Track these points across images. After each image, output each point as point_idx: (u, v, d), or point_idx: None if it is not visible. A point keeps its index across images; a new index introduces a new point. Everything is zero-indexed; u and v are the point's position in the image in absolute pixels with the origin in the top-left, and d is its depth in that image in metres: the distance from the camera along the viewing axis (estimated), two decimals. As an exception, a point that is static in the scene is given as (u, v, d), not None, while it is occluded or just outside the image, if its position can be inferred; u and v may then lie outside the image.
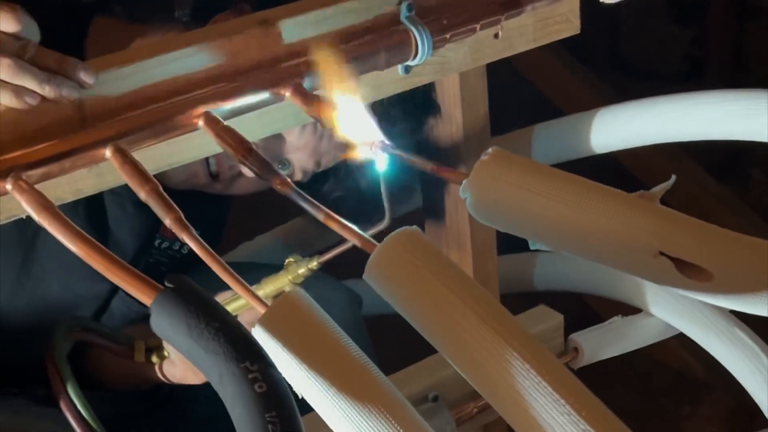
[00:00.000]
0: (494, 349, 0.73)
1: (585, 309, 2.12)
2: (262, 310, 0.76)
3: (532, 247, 0.83)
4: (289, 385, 0.73)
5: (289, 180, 0.86)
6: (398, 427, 0.71)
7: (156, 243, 1.51)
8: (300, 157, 1.38)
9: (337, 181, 1.45)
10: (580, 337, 1.54)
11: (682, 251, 0.78)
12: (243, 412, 0.69)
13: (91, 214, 1.40)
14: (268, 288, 1.11)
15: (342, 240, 0.83)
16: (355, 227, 0.80)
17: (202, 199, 1.48)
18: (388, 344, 1.60)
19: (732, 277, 0.77)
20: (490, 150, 0.82)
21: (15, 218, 0.90)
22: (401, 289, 0.77)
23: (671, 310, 1.66)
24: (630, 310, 1.74)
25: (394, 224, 0.89)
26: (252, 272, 1.58)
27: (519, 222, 0.81)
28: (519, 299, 1.83)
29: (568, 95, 2.66)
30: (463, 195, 0.82)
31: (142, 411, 1.42)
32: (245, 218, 1.91)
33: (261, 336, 0.74)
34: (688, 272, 0.78)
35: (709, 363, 1.73)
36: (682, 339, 1.73)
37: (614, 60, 3.08)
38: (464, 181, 0.82)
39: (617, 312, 1.73)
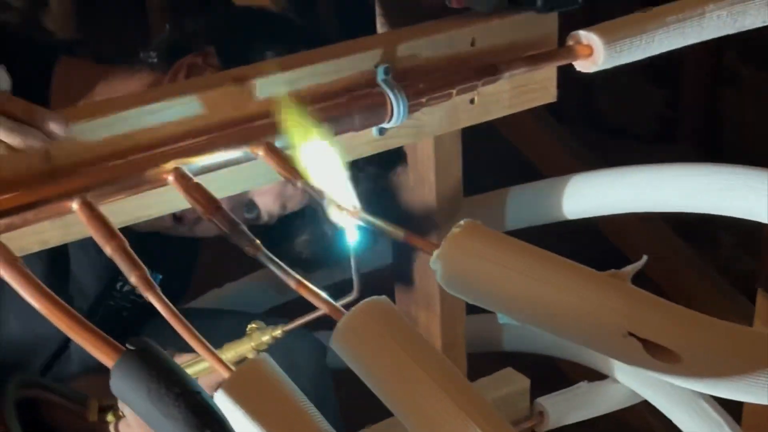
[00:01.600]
0: (457, 424, 0.72)
1: (553, 368, 2.11)
2: (225, 375, 0.75)
3: (500, 321, 0.83)
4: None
5: (258, 243, 0.84)
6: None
7: (117, 286, 1.50)
8: (266, 201, 1.38)
9: (303, 224, 1.44)
10: (545, 402, 1.54)
11: (651, 333, 0.77)
12: (199, 481, 0.67)
13: (54, 257, 1.38)
14: (229, 353, 1.09)
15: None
16: (324, 294, 0.79)
17: (169, 242, 1.47)
18: (356, 397, 1.59)
19: (700, 360, 0.77)
20: (461, 222, 0.81)
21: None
22: (367, 359, 0.77)
23: (637, 379, 1.66)
24: (597, 373, 1.73)
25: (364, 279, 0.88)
26: (219, 319, 1.57)
27: (488, 296, 0.80)
28: (487, 357, 1.82)
29: (543, 152, 2.66)
30: (434, 266, 0.81)
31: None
32: (214, 262, 1.90)
33: (223, 402, 0.73)
34: (656, 353, 0.78)
35: (675, 428, 1.73)
36: (647, 403, 1.73)
37: (589, 118, 3.10)
38: (435, 253, 0.81)
39: (586, 372, 1.72)
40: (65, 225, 0.91)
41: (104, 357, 0.74)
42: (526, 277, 0.78)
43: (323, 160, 0.90)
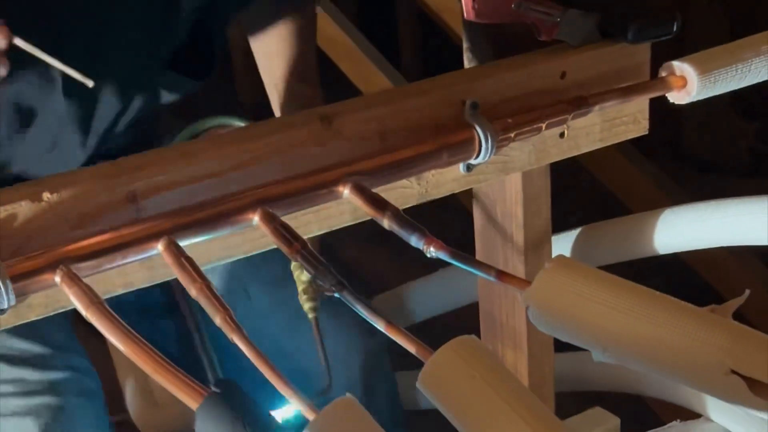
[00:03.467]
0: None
1: (642, 407, 2.06)
2: (311, 416, 0.73)
3: (595, 359, 0.80)
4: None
5: (345, 283, 0.83)
6: None
7: None
8: None
9: None
10: (636, 444, 1.50)
11: (755, 370, 0.74)
12: None
13: None
14: None
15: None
16: (412, 337, 0.77)
17: None
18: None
19: (807, 399, 0.73)
20: (553, 258, 0.78)
21: (62, 310, 0.88)
22: (455, 399, 0.74)
23: (733, 418, 1.61)
24: (689, 411, 1.69)
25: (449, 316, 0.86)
26: None
27: (583, 333, 0.77)
28: (575, 396, 1.79)
29: (630, 187, 2.62)
30: (525, 304, 0.79)
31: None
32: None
33: (308, 447, 0.71)
34: (760, 391, 0.75)
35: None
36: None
37: (677, 152, 3.05)
38: (526, 290, 0.79)
39: (677, 411, 1.68)
40: (150, 267, 0.90)
41: (188, 399, 0.73)
42: (622, 313, 0.75)
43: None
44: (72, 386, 1.40)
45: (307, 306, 1.33)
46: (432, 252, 0.87)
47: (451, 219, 1.70)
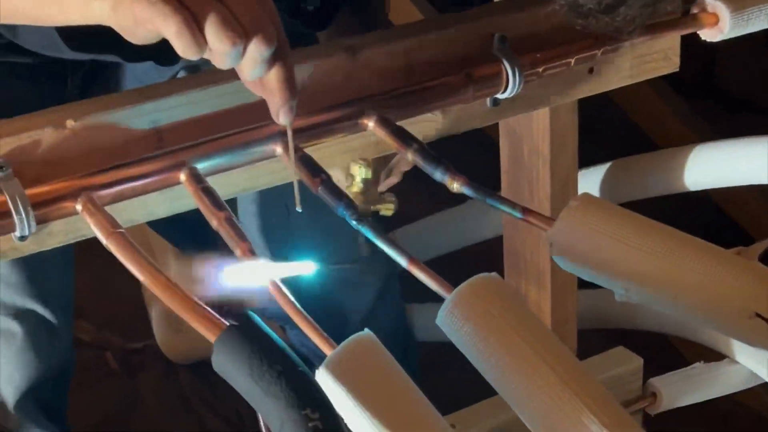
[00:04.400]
0: (570, 411, 0.69)
1: (666, 347, 2.05)
2: (328, 351, 0.73)
3: (618, 298, 0.79)
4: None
5: (369, 219, 0.82)
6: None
7: None
8: None
9: None
10: (659, 383, 1.48)
11: (779, 314, 0.73)
12: (302, 462, 0.66)
13: None
14: None
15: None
16: (434, 273, 0.76)
17: None
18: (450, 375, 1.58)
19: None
20: (578, 195, 0.77)
21: (82, 239, 0.88)
22: (473, 338, 0.74)
23: (758, 360, 1.60)
24: (714, 352, 1.68)
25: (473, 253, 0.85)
26: None
27: (606, 273, 0.76)
28: (598, 334, 1.78)
29: (660, 124, 2.59)
30: (549, 242, 0.78)
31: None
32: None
33: (325, 380, 0.71)
34: (784, 336, 0.74)
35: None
36: (767, 385, 1.67)
37: (709, 89, 3.01)
38: (550, 228, 0.78)
39: (701, 351, 1.66)
40: (172, 197, 0.90)
41: (206, 332, 0.73)
42: (647, 254, 0.74)
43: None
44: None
45: None
46: (456, 187, 0.86)
47: (476, 154, 1.68)
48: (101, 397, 1.88)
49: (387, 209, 1.32)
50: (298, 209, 0.84)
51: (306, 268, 0.79)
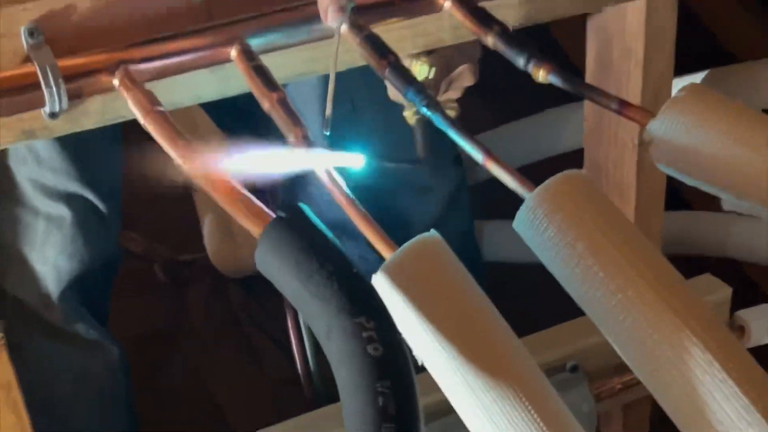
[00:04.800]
0: (666, 329, 0.59)
1: (749, 286, 1.93)
2: (387, 254, 0.63)
3: (725, 207, 0.68)
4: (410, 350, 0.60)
5: (439, 105, 0.72)
6: (536, 417, 0.58)
7: None
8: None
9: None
10: (748, 315, 1.37)
11: None
12: (349, 375, 0.56)
13: None
14: None
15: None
16: (513, 170, 0.66)
17: None
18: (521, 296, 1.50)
19: None
20: (687, 85, 0.66)
21: (121, 120, 0.79)
22: (559, 243, 0.63)
23: None
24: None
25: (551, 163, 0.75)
26: None
27: (716, 175, 0.65)
28: (682, 261, 1.68)
29: (745, 40, 2.45)
30: (648, 138, 0.67)
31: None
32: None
33: (383, 286, 0.60)
34: None
35: None
36: None
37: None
38: (650, 122, 0.67)
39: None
40: (222, 78, 0.81)
41: (250, 224, 0.63)
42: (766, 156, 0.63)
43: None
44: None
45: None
46: (542, 76, 0.75)
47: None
48: (147, 310, 1.84)
49: (451, 110, 1.21)
50: None
51: (363, 160, 0.69)
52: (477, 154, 0.69)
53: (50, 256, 1.29)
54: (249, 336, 1.79)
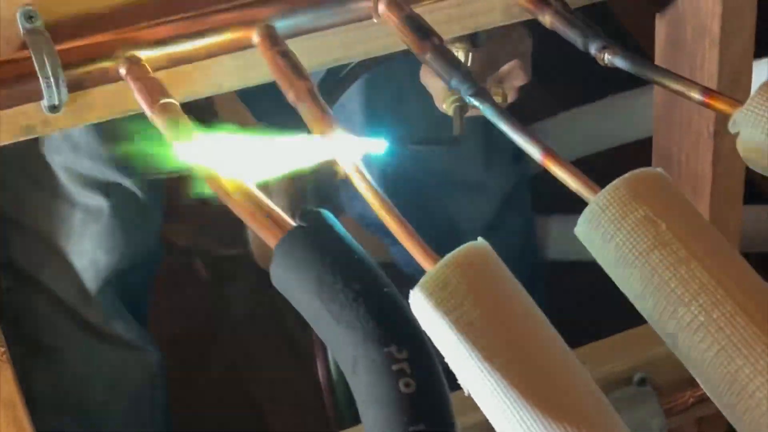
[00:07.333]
0: (747, 352, 0.50)
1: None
2: (429, 267, 0.54)
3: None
4: (447, 372, 0.51)
5: (489, 94, 0.63)
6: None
7: None
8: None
9: None
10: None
11: None
12: (378, 416, 0.47)
13: None
14: None
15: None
16: (575, 169, 0.57)
17: None
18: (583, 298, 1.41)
19: None
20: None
21: (131, 113, 0.71)
22: (629, 252, 0.54)
23: None
24: None
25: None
26: None
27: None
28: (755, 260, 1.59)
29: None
30: (734, 129, 0.58)
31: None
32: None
33: (420, 305, 0.52)
34: None
35: None
36: None
37: None
38: (736, 112, 0.58)
39: None
40: (244, 66, 0.73)
41: (264, 233, 0.55)
42: None
43: None
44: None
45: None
46: (608, 59, 0.66)
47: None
48: (188, 304, 1.79)
49: (496, 95, 1.12)
50: None
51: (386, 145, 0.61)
52: (534, 151, 0.60)
53: (88, 250, 1.24)
54: (292, 335, 1.74)
